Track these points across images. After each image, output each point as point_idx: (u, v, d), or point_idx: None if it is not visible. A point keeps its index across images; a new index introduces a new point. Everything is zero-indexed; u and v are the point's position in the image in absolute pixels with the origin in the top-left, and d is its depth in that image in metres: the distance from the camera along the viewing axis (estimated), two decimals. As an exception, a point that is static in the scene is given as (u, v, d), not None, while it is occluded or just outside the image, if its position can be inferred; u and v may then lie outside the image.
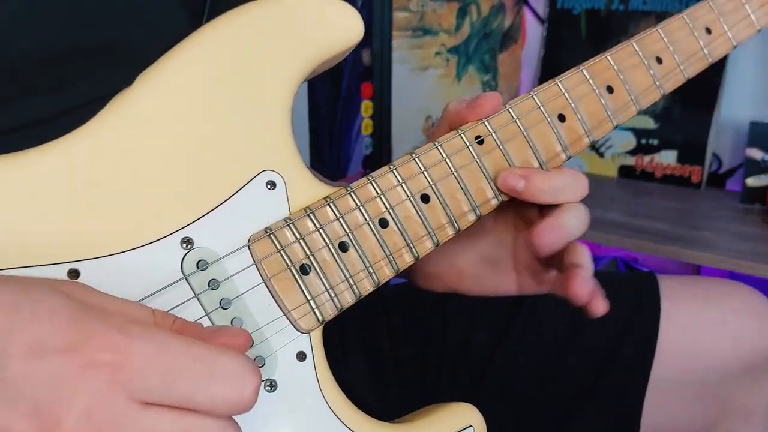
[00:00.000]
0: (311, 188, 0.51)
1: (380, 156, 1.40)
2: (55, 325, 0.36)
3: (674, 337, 0.76)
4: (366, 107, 1.40)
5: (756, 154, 1.29)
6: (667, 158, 1.38)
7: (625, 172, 1.43)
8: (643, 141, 1.40)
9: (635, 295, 0.78)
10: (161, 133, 0.47)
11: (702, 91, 1.33)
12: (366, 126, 1.40)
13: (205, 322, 0.47)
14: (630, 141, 1.41)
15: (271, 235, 0.48)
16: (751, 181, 1.29)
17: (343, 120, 1.39)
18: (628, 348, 0.76)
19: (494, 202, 0.56)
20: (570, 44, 1.47)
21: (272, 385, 0.48)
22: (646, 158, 1.40)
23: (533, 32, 1.55)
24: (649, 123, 1.39)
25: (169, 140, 0.47)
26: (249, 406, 0.38)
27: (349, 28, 0.52)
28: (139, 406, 0.36)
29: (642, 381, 0.75)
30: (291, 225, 0.49)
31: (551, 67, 1.50)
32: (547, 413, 0.76)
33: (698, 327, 0.76)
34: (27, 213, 0.43)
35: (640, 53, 0.61)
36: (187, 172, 0.47)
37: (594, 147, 1.43)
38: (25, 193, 0.44)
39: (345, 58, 0.55)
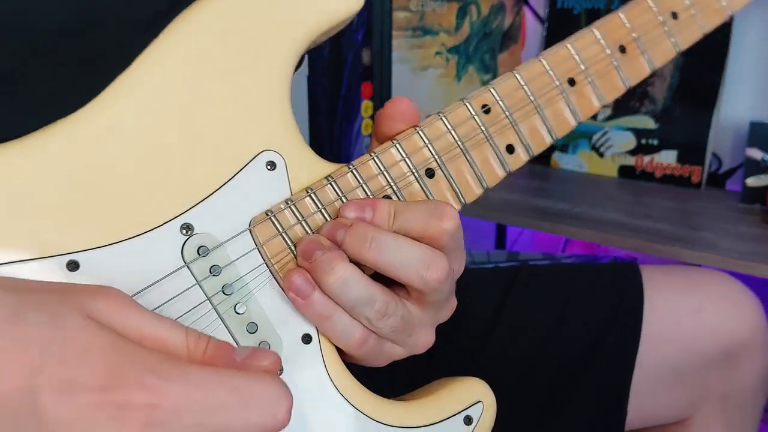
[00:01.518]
0: (313, 167, 0.50)
1: (380, 156, 1.39)
2: (86, 365, 0.35)
3: (655, 325, 0.77)
4: (366, 107, 1.40)
5: (756, 154, 1.28)
6: (667, 158, 1.38)
7: (625, 172, 1.42)
8: (643, 141, 1.40)
9: (619, 285, 0.80)
10: (155, 117, 0.46)
11: (702, 91, 1.33)
12: (366, 126, 1.40)
13: (207, 309, 0.46)
14: (630, 141, 1.41)
15: (272, 218, 0.48)
16: (751, 181, 1.29)
17: (343, 120, 1.39)
18: (613, 336, 0.77)
19: (501, 173, 0.54)
20: (570, 44, 1.47)
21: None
22: (646, 158, 1.40)
23: (533, 32, 1.55)
24: (649, 123, 1.38)
25: (164, 124, 0.46)
26: (283, 427, 0.38)
27: None
28: None
29: (628, 368, 0.76)
30: (292, 206, 0.48)
31: (551, 67, 1.50)
32: (535, 402, 0.77)
33: (677, 314, 0.78)
34: (22, 205, 0.43)
35: (654, 8, 0.58)
36: (185, 155, 0.47)
37: (594, 147, 1.43)
38: (19, 184, 0.43)
39: (345, 58, 0.54)
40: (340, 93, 1.39)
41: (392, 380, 0.75)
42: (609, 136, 1.41)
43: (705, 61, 1.30)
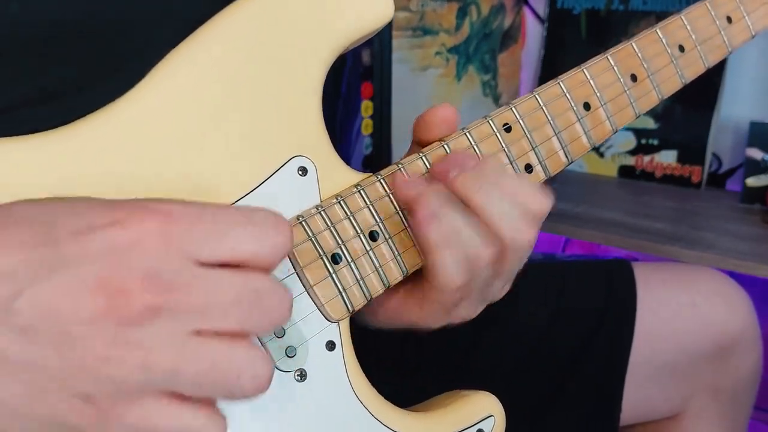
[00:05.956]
0: (341, 175, 0.51)
1: (380, 156, 1.39)
2: (95, 210, 0.37)
3: (647, 321, 0.78)
4: (366, 107, 1.39)
5: (756, 154, 1.29)
6: (667, 158, 1.39)
7: (625, 172, 1.43)
8: (643, 141, 1.40)
9: (611, 282, 0.80)
10: (190, 120, 0.46)
11: (702, 91, 1.34)
12: (366, 126, 1.39)
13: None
14: (630, 141, 1.41)
15: (303, 223, 0.48)
16: (751, 181, 1.30)
17: (343, 120, 1.38)
18: (606, 332, 0.77)
19: None
20: (570, 44, 1.48)
21: (302, 375, 0.48)
22: (646, 158, 1.41)
23: (533, 32, 1.55)
24: (649, 123, 1.39)
25: (200, 126, 0.46)
26: (290, 245, 0.39)
27: (379, 8, 0.51)
28: (197, 265, 0.36)
29: (622, 364, 0.77)
30: (322, 212, 0.48)
31: (551, 67, 1.50)
32: (529, 398, 0.77)
33: (670, 310, 0.79)
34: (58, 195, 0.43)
35: (663, 41, 0.60)
36: (218, 156, 0.47)
37: (594, 147, 1.43)
38: (51, 182, 0.43)
39: (345, 58, 0.54)
40: (340, 93, 1.38)
41: (397, 384, 0.76)
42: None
43: (705, 62, 1.31)
